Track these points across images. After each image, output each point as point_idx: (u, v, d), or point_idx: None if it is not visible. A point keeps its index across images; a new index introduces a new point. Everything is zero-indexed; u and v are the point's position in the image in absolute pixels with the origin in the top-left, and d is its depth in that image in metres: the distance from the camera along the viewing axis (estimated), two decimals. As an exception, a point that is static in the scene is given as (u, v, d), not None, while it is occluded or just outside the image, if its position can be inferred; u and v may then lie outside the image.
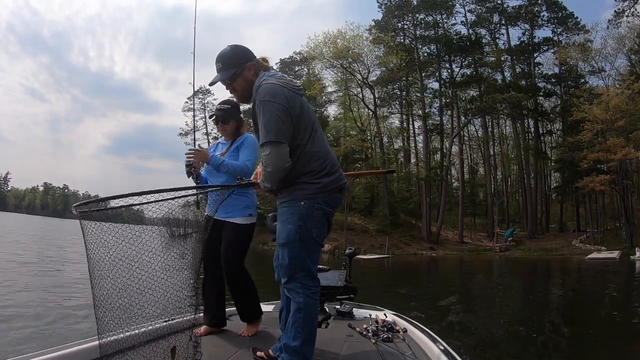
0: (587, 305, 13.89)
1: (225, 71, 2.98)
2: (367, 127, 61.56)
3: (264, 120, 2.78)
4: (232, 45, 3.07)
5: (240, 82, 3.00)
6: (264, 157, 2.79)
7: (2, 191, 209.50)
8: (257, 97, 2.86)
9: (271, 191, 2.99)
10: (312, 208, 2.89)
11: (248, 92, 3.01)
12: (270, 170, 2.79)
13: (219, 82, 3.02)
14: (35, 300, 10.27)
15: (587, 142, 43.64)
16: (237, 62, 2.97)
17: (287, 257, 2.86)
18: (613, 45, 47.03)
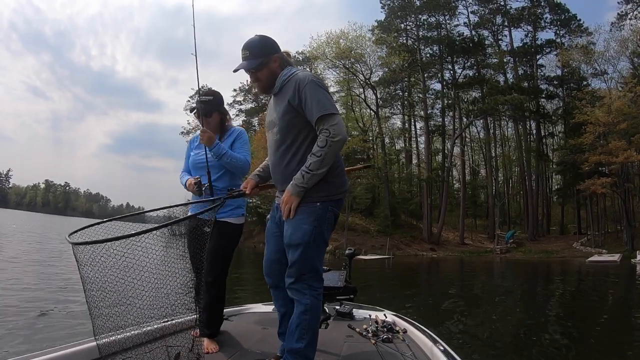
0: (588, 308, 13.86)
1: (252, 60, 2.98)
2: (369, 128, 61.50)
3: (318, 97, 2.81)
4: (261, 35, 3.08)
5: (265, 72, 3.01)
6: (333, 127, 2.76)
7: (4, 188, 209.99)
8: (300, 82, 2.85)
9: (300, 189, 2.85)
10: (326, 210, 2.91)
11: (271, 83, 3.03)
12: (339, 139, 2.77)
13: (243, 69, 3.02)
14: (35, 300, 10.27)
15: (589, 144, 43.62)
16: (264, 52, 2.98)
17: (299, 257, 2.84)
18: (616, 47, 46.98)
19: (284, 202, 2.84)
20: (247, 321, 4.21)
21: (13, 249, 23.74)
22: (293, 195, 2.80)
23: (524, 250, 46.83)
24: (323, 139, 2.74)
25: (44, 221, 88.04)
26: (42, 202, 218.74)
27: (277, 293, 3.14)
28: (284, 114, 2.91)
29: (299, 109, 2.86)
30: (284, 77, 2.97)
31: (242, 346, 3.52)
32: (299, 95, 2.83)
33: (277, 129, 2.99)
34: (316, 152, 2.75)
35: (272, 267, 3.13)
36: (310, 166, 2.75)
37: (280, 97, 2.99)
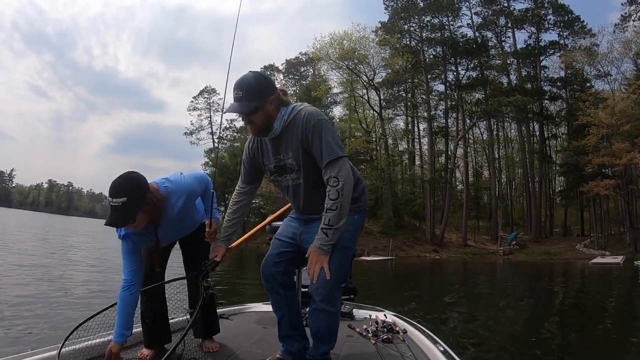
0: (591, 310, 13.82)
1: (245, 102, 2.75)
2: (372, 129, 61.45)
3: (329, 137, 2.71)
4: (256, 73, 2.87)
5: (259, 115, 2.79)
6: (341, 175, 2.65)
7: (7, 188, 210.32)
8: (307, 122, 2.74)
9: None
10: (361, 220, 2.96)
11: (265, 126, 2.83)
12: (349, 183, 2.68)
13: (238, 108, 2.79)
14: (34, 299, 10.27)
15: (592, 146, 43.53)
16: (260, 95, 2.76)
17: (337, 268, 2.75)
18: (619, 49, 46.81)
19: (313, 262, 2.70)
20: (247, 320, 4.22)
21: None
22: (322, 255, 2.68)
23: (526, 252, 46.73)
24: (334, 191, 2.64)
25: (58, 221, 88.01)
26: (45, 202, 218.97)
27: (275, 297, 3.08)
28: (302, 159, 2.81)
29: (309, 151, 2.76)
30: (285, 116, 2.84)
31: (242, 345, 3.53)
32: (306, 136, 2.74)
33: (297, 175, 2.89)
34: (331, 207, 2.64)
35: (271, 271, 3.05)
36: (330, 222, 2.64)
37: (285, 139, 2.86)
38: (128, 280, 3.00)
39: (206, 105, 78.72)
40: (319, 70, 62.52)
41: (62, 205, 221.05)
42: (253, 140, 3.10)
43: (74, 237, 41.98)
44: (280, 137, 2.87)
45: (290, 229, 3.10)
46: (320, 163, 2.71)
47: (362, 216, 2.97)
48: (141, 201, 2.73)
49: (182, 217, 3.12)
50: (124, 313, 2.96)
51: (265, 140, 2.98)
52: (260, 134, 2.92)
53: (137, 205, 2.71)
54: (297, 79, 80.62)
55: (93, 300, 10.38)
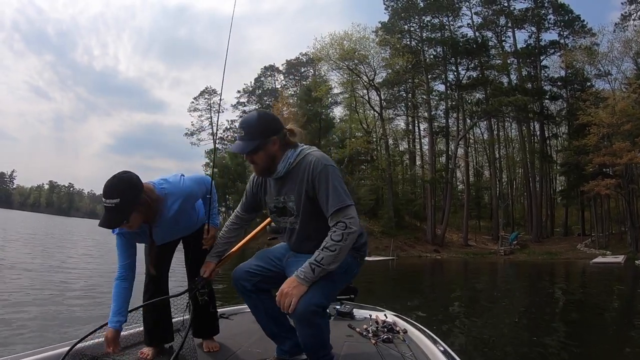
0: (592, 310, 13.81)
1: (247, 142, 2.74)
2: (373, 129, 61.49)
3: (336, 184, 2.67)
4: (260, 112, 2.89)
5: (261, 155, 2.77)
6: (349, 220, 2.59)
7: (8, 189, 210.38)
8: (313, 168, 2.70)
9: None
10: (356, 263, 2.91)
11: (268, 166, 2.81)
12: (355, 232, 2.60)
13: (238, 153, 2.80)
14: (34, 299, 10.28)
15: (593, 145, 43.51)
16: (262, 134, 2.75)
17: (322, 292, 2.60)
18: (620, 48, 46.77)
19: (284, 294, 2.54)
20: (247, 320, 4.20)
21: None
22: (299, 285, 2.53)
23: (527, 251, 46.71)
24: (339, 232, 2.56)
25: (59, 222, 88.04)
26: (46, 203, 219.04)
27: (249, 300, 3.05)
28: (304, 205, 2.78)
29: (313, 197, 2.72)
30: (291, 159, 2.81)
31: (242, 345, 3.54)
32: (313, 182, 2.70)
33: (295, 219, 2.87)
34: (330, 247, 2.55)
35: (240, 280, 2.99)
36: (323, 260, 2.53)
37: (289, 182, 2.84)
38: (122, 272, 3.01)
39: (207, 106, 78.96)
40: (320, 70, 62.61)
41: (63, 207, 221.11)
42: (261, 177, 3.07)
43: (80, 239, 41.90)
44: (284, 179, 2.85)
45: (282, 249, 3.07)
46: (326, 210, 2.66)
47: (357, 263, 2.92)
48: (134, 202, 2.68)
49: (177, 219, 3.07)
50: (117, 299, 2.96)
51: (270, 179, 2.97)
52: (263, 175, 2.93)
53: (130, 206, 2.67)
54: (297, 79, 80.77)
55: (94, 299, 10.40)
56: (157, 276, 3.31)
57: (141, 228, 2.93)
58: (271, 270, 2.96)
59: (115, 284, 2.98)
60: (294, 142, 2.86)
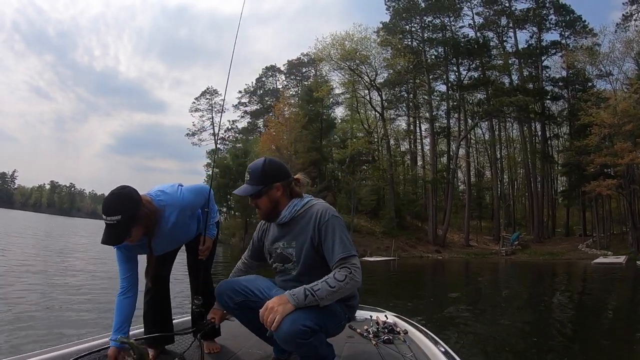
0: (593, 311, 13.79)
1: (251, 186, 2.86)
2: (374, 129, 61.58)
3: (341, 234, 2.71)
4: (267, 159, 2.98)
5: (264, 200, 2.89)
6: (355, 269, 2.60)
7: (9, 189, 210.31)
8: (320, 218, 2.77)
9: None
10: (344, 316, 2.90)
11: (271, 211, 2.92)
12: (357, 281, 2.62)
13: (242, 196, 2.91)
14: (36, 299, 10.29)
15: (594, 146, 43.42)
16: (265, 180, 2.86)
17: (313, 316, 2.53)
18: (621, 49, 46.63)
19: (269, 309, 2.47)
20: None
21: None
22: (285, 305, 2.47)
23: (529, 252, 46.63)
24: (344, 274, 2.57)
25: (61, 223, 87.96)
26: (47, 203, 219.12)
27: (237, 314, 3.05)
28: (304, 254, 2.83)
29: (318, 247, 2.76)
30: (297, 207, 2.89)
31: (243, 346, 3.55)
32: (319, 230, 2.75)
33: (292, 266, 2.90)
34: (330, 283, 2.54)
35: (224, 297, 3.00)
36: (318, 292, 2.50)
37: (292, 230, 2.90)
38: (124, 286, 2.99)
39: (208, 106, 79.09)
40: (321, 71, 62.67)
41: (65, 207, 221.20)
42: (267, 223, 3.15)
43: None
44: (288, 226, 2.91)
45: (267, 283, 3.03)
46: (330, 258, 2.68)
47: (345, 317, 2.91)
48: (135, 216, 2.69)
49: (175, 230, 3.07)
50: (119, 315, 2.93)
51: (276, 226, 3.01)
52: (266, 219, 3.03)
53: (131, 222, 2.67)
54: (298, 79, 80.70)
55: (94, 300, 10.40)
56: (158, 279, 3.34)
57: (141, 240, 2.91)
58: (257, 295, 2.90)
59: (118, 300, 2.97)
60: (300, 192, 2.97)
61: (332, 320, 2.75)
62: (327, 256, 2.70)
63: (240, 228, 55.53)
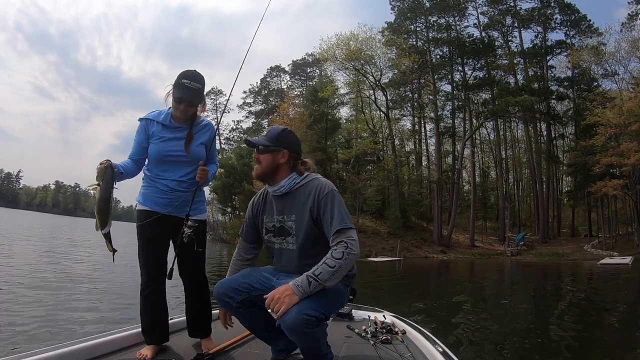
0: (599, 312, 13.68)
1: (263, 140, 3.00)
2: (379, 129, 61.66)
3: (340, 208, 2.77)
4: (287, 129, 3.11)
5: (267, 157, 2.95)
6: (351, 241, 2.65)
7: (14, 189, 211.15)
8: (320, 191, 2.83)
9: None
10: (346, 297, 2.97)
11: (268, 173, 2.97)
12: (355, 254, 2.65)
13: (250, 144, 3.06)
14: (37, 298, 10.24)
15: (600, 146, 43.42)
16: (276, 141, 2.96)
17: (317, 304, 2.56)
18: (627, 48, 46.56)
19: (275, 299, 2.49)
20: None
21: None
22: (292, 295, 2.49)
23: (534, 252, 46.60)
24: (340, 251, 2.61)
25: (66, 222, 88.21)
26: (52, 203, 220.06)
27: (235, 313, 3.01)
28: (304, 226, 2.85)
29: (317, 220, 2.81)
30: (296, 180, 2.94)
31: (241, 346, 3.52)
32: (318, 205, 2.80)
33: (292, 239, 2.91)
34: (330, 263, 2.57)
35: (224, 298, 2.93)
36: (320, 276, 2.54)
37: (291, 202, 2.94)
38: (133, 157, 3.39)
39: (213, 106, 79.07)
40: (326, 71, 62.92)
41: (69, 207, 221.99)
42: (259, 196, 3.21)
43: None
44: (286, 199, 2.96)
45: (271, 270, 3.06)
46: (329, 230, 2.73)
47: (347, 291, 2.95)
48: (203, 94, 3.37)
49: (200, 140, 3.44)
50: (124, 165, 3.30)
51: (271, 199, 3.06)
52: (259, 177, 3.02)
53: (203, 95, 3.36)
54: (303, 79, 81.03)
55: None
56: (154, 276, 3.34)
57: (186, 121, 3.40)
58: (258, 289, 2.88)
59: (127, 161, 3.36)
60: (302, 171, 3.01)
61: (336, 301, 2.83)
62: (325, 229, 2.76)
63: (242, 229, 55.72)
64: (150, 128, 3.37)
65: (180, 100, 3.23)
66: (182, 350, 3.21)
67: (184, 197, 3.36)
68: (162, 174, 3.36)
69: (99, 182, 3.05)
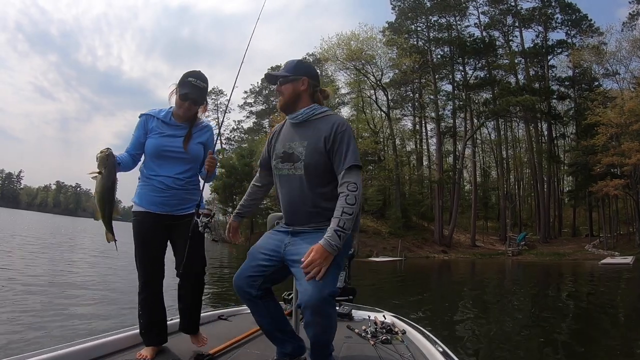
0: (600, 312, 13.68)
1: (283, 71, 3.03)
2: (380, 129, 61.54)
3: (352, 146, 2.82)
4: (303, 59, 3.30)
5: (288, 87, 3.00)
6: (359, 182, 2.76)
7: (15, 189, 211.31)
8: (339, 125, 2.87)
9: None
10: (351, 238, 2.95)
11: (291, 102, 3.02)
12: (361, 194, 2.77)
13: (272, 78, 3.07)
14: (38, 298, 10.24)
15: (601, 146, 43.39)
16: (295, 71, 3.01)
17: (333, 279, 2.69)
18: (628, 48, 46.62)
19: (317, 263, 2.57)
20: (246, 321, 4.16)
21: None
22: (330, 254, 2.61)
23: (535, 252, 46.63)
24: (352, 196, 2.69)
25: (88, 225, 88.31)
26: (53, 203, 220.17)
27: (254, 307, 3.00)
28: (315, 154, 2.87)
29: (329, 150, 2.84)
30: (315, 111, 2.98)
31: (241, 346, 3.51)
32: (334, 136, 2.83)
33: (301, 164, 2.90)
34: (348, 211, 2.66)
35: (244, 287, 2.94)
36: (345, 225, 2.64)
37: (306, 130, 2.96)
38: (130, 151, 3.39)
39: (213, 106, 79.00)
40: (326, 70, 62.69)
41: (70, 207, 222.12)
42: (278, 126, 3.24)
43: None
44: (303, 127, 2.99)
45: (274, 241, 3.01)
46: (341, 163, 2.78)
47: (351, 235, 2.93)
48: (206, 94, 3.43)
49: (199, 140, 3.47)
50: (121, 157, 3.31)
51: (289, 126, 3.10)
52: (284, 109, 3.07)
53: (206, 94, 3.43)
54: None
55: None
56: (151, 278, 3.31)
57: (186, 120, 3.44)
58: (270, 266, 2.91)
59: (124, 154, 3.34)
60: (321, 100, 3.12)
61: (344, 255, 2.87)
62: (336, 160, 2.82)
63: (246, 228, 55.69)
64: (150, 123, 3.38)
65: (185, 97, 3.29)
66: (181, 351, 3.21)
67: (180, 195, 3.35)
68: (158, 170, 3.34)
69: (101, 169, 3.05)
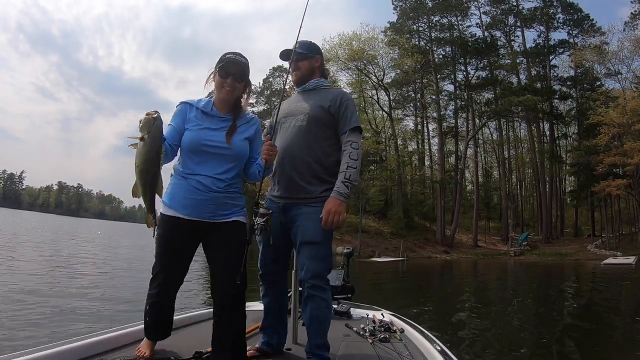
0: (603, 312, 13.65)
1: (299, 49, 3.33)
2: (382, 129, 61.55)
3: (355, 112, 3.22)
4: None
5: (305, 64, 3.37)
6: (360, 142, 3.14)
7: (17, 189, 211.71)
8: (344, 95, 3.28)
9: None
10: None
11: (307, 77, 3.39)
12: (360, 151, 3.09)
13: (290, 55, 3.30)
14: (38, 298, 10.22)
15: (603, 145, 43.33)
16: (311, 50, 3.42)
17: (323, 254, 3.03)
18: (630, 47, 46.54)
19: (332, 212, 2.93)
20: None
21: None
22: (343, 203, 2.97)
23: (537, 252, 46.61)
24: (355, 152, 3.05)
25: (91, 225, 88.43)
26: (55, 204, 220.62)
27: (273, 291, 3.30)
28: (319, 109, 3.17)
29: (334, 114, 3.16)
30: (323, 82, 3.43)
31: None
32: (340, 103, 3.17)
33: (305, 117, 3.17)
34: (352, 165, 3.01)
35: (269, 266, 3.27)
36: (351, 177, 2.99)
37: (314, 96, 3.28)
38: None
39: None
40: (328, 71, 62.67)
41: (72, 207, 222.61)
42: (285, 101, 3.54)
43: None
44: (311, 92, 3.35)
45: (276, 220, 3.09)
46: (345, 124, 3.13)
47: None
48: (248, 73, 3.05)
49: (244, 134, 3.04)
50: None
51: (297, 96, 3.44)
52: (298, 83, 3.42)
53: (248, 72, 3.04)
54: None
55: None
56: (166, 288, 2.98)
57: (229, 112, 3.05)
58: (282, 242, 3.17)
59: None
60: (327, 75, 3.59)
61: (330, 244, 3.14)
62: (341, 121, 3.16)
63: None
64: (189, 113, 2.99)
65: (226, 73, 2.92)
66: (181, 348, 3.16)
67: (220, 200, 2.90)
68: (195, 168, 2.89)
69: (144, 134, 2.62)
